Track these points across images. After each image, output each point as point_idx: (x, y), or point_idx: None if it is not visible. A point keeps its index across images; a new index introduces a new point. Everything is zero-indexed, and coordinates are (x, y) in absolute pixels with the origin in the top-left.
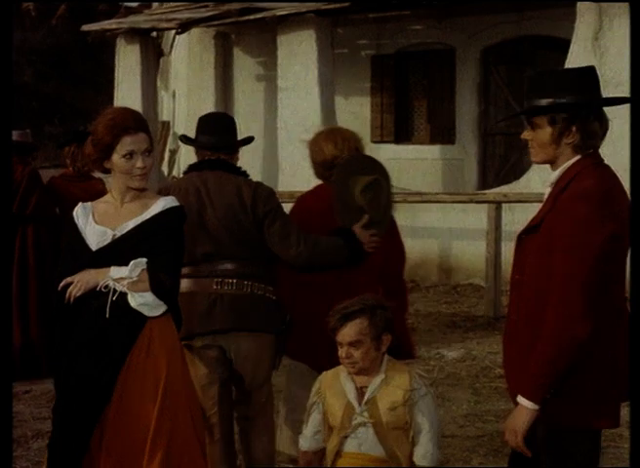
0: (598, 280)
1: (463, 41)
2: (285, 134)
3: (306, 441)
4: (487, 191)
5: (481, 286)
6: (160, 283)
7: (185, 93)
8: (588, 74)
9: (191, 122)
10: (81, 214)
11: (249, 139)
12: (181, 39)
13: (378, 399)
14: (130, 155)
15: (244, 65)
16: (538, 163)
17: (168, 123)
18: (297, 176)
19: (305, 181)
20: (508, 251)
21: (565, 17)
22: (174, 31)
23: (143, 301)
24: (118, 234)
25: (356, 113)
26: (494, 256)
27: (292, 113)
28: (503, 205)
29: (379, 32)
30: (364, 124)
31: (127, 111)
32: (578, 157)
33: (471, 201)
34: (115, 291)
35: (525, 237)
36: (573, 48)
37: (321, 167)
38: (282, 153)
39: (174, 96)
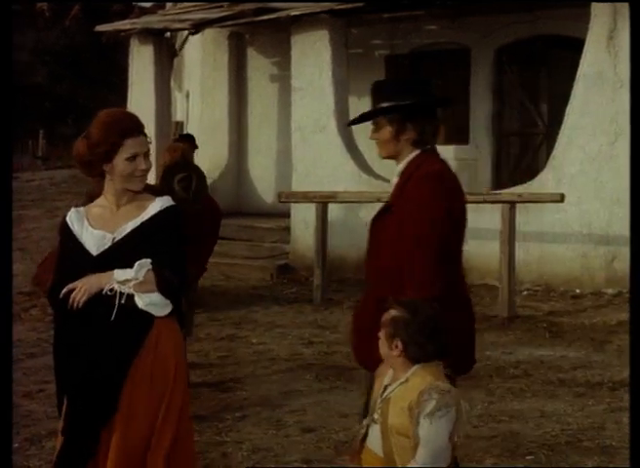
0: (442, 249)
1: (477, 41)
2: (299, 134)
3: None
4: (501, 191)
5: (495, 286)
6: (167, 281)
7: (199, 93)
8: (421, 82)
9: (205, 122)
10: (75, 219)
11: None
12: (195, 39)
13: (392, 400)
14: (133, 157)
15: (258, 66)
16: (384, 158)
17: (181, 123)
18: (310, 177)
19: (319, 181)
20: (522, 251)
21: (579, 16)
22: (186, 31)
23: (151, 301)
24: (118, 237)
25: None
26: (508, 257)
27: (305, 113)
28: (517, 205)
29: (392, 32)
30: None
31: (126, 114)
32: (417, 151)
33: (485, 201)
34: (122, 293)
35: (377, 221)
36: (587, 47)
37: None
38: (295, 153)
39: (187, 96)
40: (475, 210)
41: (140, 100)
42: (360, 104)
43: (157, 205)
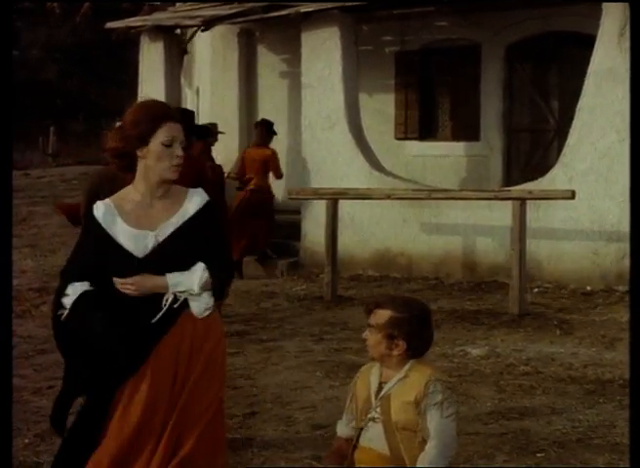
0: None
1: (488, 37)
2: (309, 131)
3: (341, 427)
4: (511, 188)
5: (505, 283)
6: (222, 285)
7: (209, 90)
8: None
9: (215, 119)
10: (104, 212)
11: None
12: (205, 36)
13: (392, 396)
14: (170, 143)
15: (268, 62)
16: None
17: None
18: (320, 173)
19: (329, 178)
20: (533, 248)
21: (590, 13)
22: (195, 28)
23: (206, 306)
24: (161, 238)
25: (380, 110)
26: (518, 253)
27: (316, 110)
28: (528, 202)
29: (403, 29)
30: (388, 121)
31: (162, 102)
32: None
33: (496, 198)
34: (176, 299)
35: None
36: (598, 44)
37: None
38: (306, 150)
39: (197, 93)
40: (486, 207)
41: (151, 97)
42: (370, 101)
43: (194, 200)
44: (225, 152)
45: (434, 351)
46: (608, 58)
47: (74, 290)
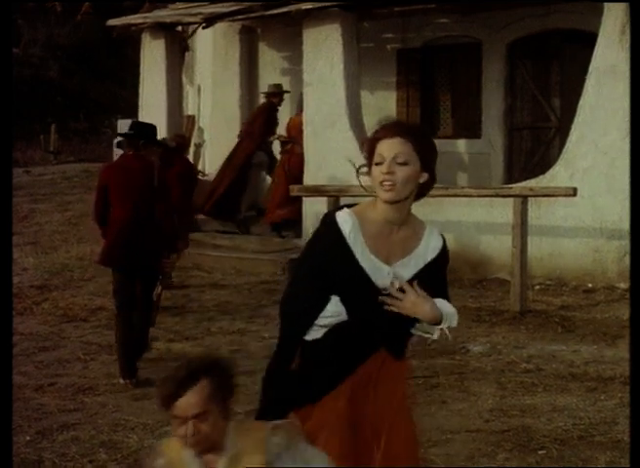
0: None
1: (490, 35)
2: (310, 128)
3: None
4: (513, 185)
5: (507, 280)
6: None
7: (210, 87)
8: None
9: (216, 116)
10: (350, 228)
11: None
12: (207, 34)
13: None
14: (380, 162)
15: (269, 60)
16: None
17: (193, 117)
18: (322, 171)
19: (331, 175)
20: (535, 245)
21: (592, 10)
22: (197, 25)
23: (436, 339)
24: (398, 279)
25: (382, 107)
26: (520, 251)
27: (317, 108)
28: (530, 199)
29: (404, 26)
30: (389, 118)
31: (395, 122)
32: None
33: (497, 195)
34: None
35: None
36: (600, 41)
37: None
38: (307, 147)
39: (199, 90)
40: (487, 204)
41: (152, 95)
42: (372, 98)
43: (434, 239)
44: (227, 151)
45: (435, 348)
46: (609, 55)
47: (334, 308)
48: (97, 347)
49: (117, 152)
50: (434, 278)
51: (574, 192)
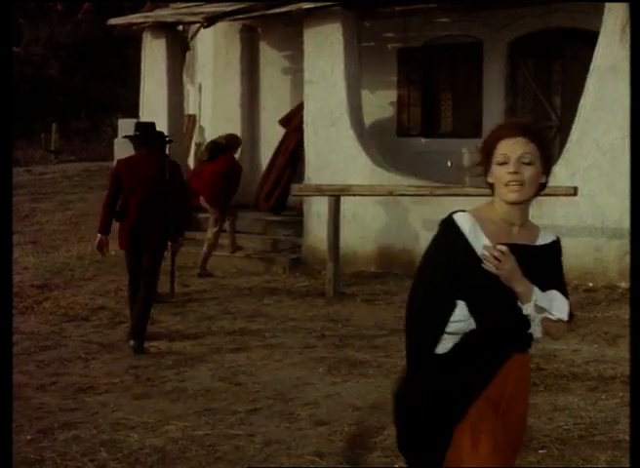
0: None
1: (490, 34)
2: (311, 127)
3: None
4: None
5: None
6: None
7: (211, 86)
8: None
9: (217, 115)
10: (471, 227)
11: None
12: (208, 33)
13: None
14: (504, 161)
15: (270, 59)
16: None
17: (194, 116)
18: (323, 170)
19: (331, 175)
20: None
21: (593, 9)
22: (198, 25)
23: (540, 337)
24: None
25: (383, 106)
26: None
27: (318, 107)
28: None
29: (405, 25)
30: (390, 117)
31: (515, 121)
32: None
33: None
34: (528, 318)
35: None
36: (601, 40)
37: None
38: (308, 147)
39: (200, 89)
40: None
41: (153, 94)
42: (373, 97)
43: (549, 240)
44: None
45: None
46: (610, 54)
47: (462, 311)
48: (98, 346)
49: (118, 151)
50: (551, 274)
51: (574, 191)
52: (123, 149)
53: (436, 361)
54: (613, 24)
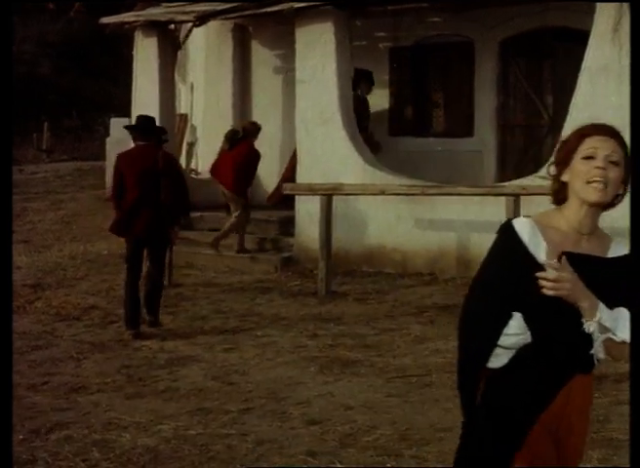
0: None
1: (482, 33)
2: (303, 126)
3: None
4: (505, 184)
5: None
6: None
7: (203, 85)
8: None
9: (209, 115)
10: (530, 234)
11: None
12: (199, 32)
13: None
14: (591, 156)
15: (262, 58)
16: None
17: (186, 115)
18: (314, 169)
19: (323, 173)
20: None
21: (585, 8)
22: (192, 26)
23: (603, 358)
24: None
25: (374, 105)
26: None
27: (310, 105)
28: (522, 197)
29: (396, 24)
30: (382, 116)
31: (604, 123)
32: None
33: (490, 193)
34: (591, 336)
35: None
36: (592, 40)
37: None
38: (300, 146)
39: (192, 88)
40: (480, 202)
41: (145, 93)
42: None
43: (620, 252)
44: (219, 147)
45: (428, 347)
46: (602, 53)
47: (518, 323)
48: (90, 346)
49: (110, 150)
50: (621, 291)
51: None
52: (115, 149)
53: (490, 378)
54: (604, 24)
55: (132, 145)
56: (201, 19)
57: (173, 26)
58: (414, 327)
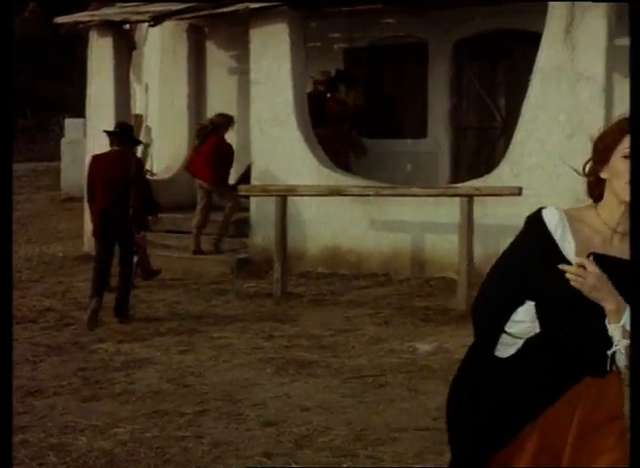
0: None
1: (436, 35)
2: (258, 127)
3: None
4: (459, 185)
5: (454, 279)
6: None
7: (158, 86)
8: None
9: (164, 115)
10: (557, 222)
11: None
12: (154, 32)
13: None
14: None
15: (217, 58)
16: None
17: (141, 116)
18: (269, 170)
19: (278, 175)
20: (481, 244)
21: (542, 10)
22: (146, 25)
23: (624, 365)
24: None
25: None
26: (466, 250)
27: (265, 106)
28: (475, 198)
29: (351, 26)
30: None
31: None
32: None
33: (443, 194)
34: (612, 342)
35: None
36: (544, 41)
37: None
38: (254, 146)
39: (146, 88)
40: (434, 203)
41: (100, 93)
42: None
43: None
44: (175, 150)
45: (383, 347)
46: (554, 55)
47: (528, 309)
48: (46, 349)
49: (65, 152)
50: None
51: (519, 191)
52: (70, 151)
53: (497, 365)
54: (556, 26)
55: (86, 146)
56: (156, 20)
57: (128, 26)
58: (369, 327)
